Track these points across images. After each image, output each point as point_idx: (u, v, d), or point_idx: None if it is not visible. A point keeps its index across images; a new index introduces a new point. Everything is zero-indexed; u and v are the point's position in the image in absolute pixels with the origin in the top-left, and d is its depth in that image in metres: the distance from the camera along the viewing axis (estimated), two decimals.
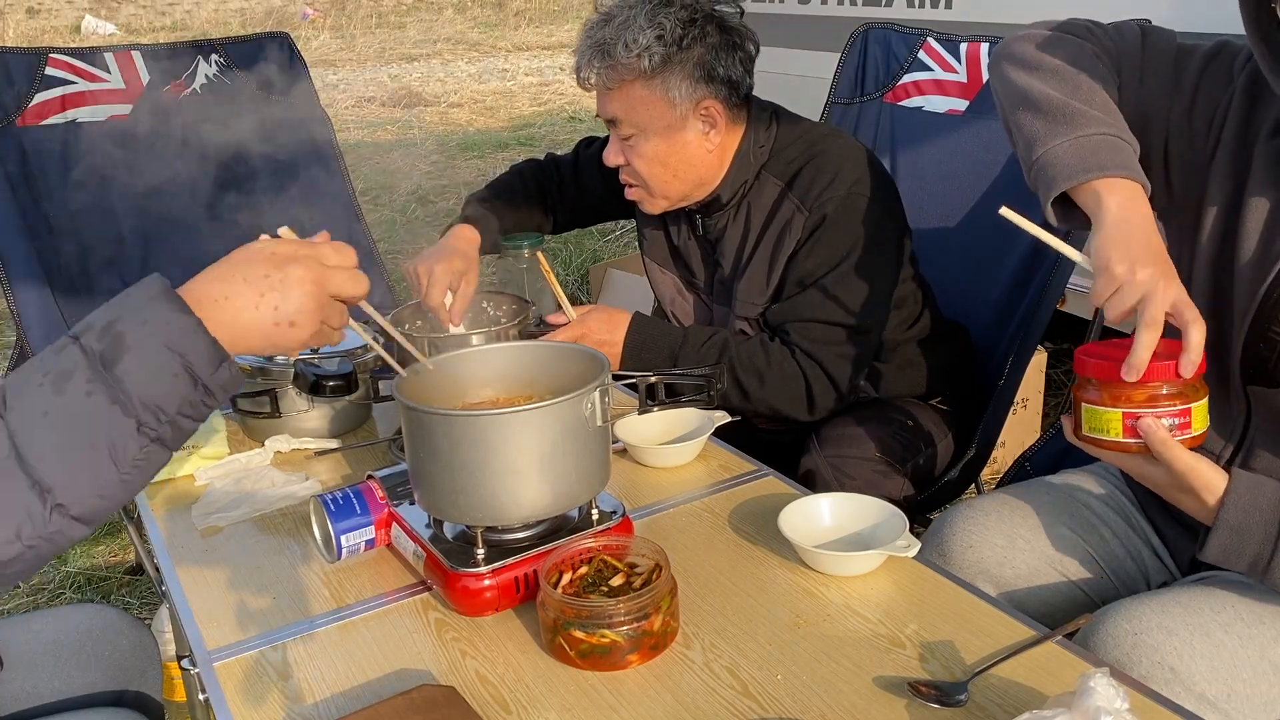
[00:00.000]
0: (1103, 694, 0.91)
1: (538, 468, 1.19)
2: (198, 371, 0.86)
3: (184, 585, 1.34)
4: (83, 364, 0.84)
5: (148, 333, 0.86)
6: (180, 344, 0.86)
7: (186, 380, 0.86)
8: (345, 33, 13.46)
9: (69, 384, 0.84)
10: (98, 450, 0.84)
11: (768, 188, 1.80)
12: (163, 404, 0.85)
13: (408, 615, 1.25)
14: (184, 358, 0.86)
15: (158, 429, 0.86)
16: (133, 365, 0.84)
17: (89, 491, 0.84)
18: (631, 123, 1.74)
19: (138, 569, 2.78)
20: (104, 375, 0.84)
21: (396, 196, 6.46)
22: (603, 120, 1.80)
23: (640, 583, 1.16)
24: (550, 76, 10.72)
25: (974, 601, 1.20)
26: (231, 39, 2.80)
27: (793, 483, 1.52)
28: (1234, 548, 1.17)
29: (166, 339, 0.86)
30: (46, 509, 0.83)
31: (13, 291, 2.38)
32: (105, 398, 0.84)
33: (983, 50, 2.23)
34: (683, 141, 1.75)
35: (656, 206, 1.85)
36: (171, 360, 0.85)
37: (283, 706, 1.10)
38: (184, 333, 0.86)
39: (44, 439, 0.83)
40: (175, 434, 0.88)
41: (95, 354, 0.85)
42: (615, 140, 1.79)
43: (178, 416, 0.87)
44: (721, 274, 1.90)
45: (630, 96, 1.72)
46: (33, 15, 13.15)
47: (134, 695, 1.42)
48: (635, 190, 1.84)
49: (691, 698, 1.07)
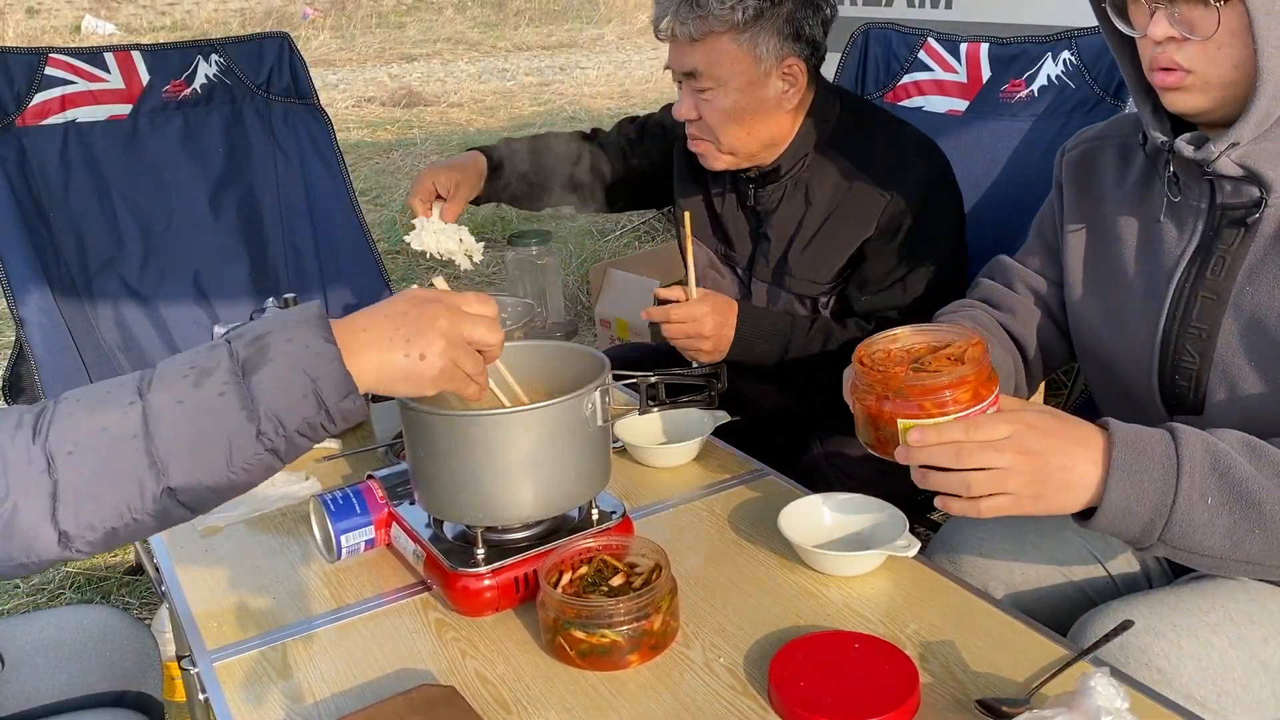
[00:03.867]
0: (1103, 694, 0.91)
1: (538, 468, 1.19)
2: (325, 397, 0.91)
3: (184, 585, 1.34)
4: (225, 365, 0.90)
5: (290, 351, 0.91)
6: (316, 369, 0.91)
7: (313, 403, 0.91)
8: (345, 33, 13.45)
9: (208, 380, 0.89)
10: (216, 446, 0.89)
11: (833, 165, 1.77)
12: (285, 419, 0.90)
13: (408, 615, 1.25)
14: (316, 383, 0.91)
15: (274, 440, 0.90)
16: (268, 377, 0.90)
17: (199, 481, 0.89)
18: (713, 76, 1.70)
19: (138, 569, 2.78)
20: (240, 380, 0.89)
21: (396, 196, 6.46)
22: (674, 72, 1.75)
23: (640, 583, 1.16)
24: (550, 76, 10.72)
25: (974, 601, 1.21)
26: (231, 39, 2.80)
27: (793, 483, 1.52)
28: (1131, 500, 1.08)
29: (305, 362, 0.91)
30: (159, 488, 0.88)
31: (12, 291, 2.38)
32: (236, 400, 0.89)
33: (983, 50, 2.23)
34: (761, 99, 1.72)
35: (721, 163, 1.80)
36: (305, 382, 0.90)
37: (283, 706, 1.10)
38: (322, 360, 0.91)
39: (173, 425, 0.88)
40: (289, 448, 0.92)
41: (239, 359, 0.90)
42: (689, 94, 1.74)
43: (295, 434, 0.91)
44: (767, 249, 1.85)
45: (716, 49, 1.68)
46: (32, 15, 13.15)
47: (134, 695, 1.42)
48: (703, 144, 1.79)
49: (691, 698, 1.07)
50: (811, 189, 1.79)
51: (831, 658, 1.07)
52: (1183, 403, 1.29)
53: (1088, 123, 1.95)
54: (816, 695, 1.01)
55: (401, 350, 0.97)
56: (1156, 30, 1.17)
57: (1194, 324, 1.27)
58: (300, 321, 0.93)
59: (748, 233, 1.90)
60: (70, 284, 2.52)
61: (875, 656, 1.07)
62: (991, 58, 2.23)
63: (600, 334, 3.89)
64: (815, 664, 1.06)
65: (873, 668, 1.05)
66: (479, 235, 1.92)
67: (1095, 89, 2.01)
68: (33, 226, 2.49)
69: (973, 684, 1.06)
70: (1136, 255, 1.35)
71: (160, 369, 0.92)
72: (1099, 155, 1.44)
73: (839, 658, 1.07)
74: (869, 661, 1.06)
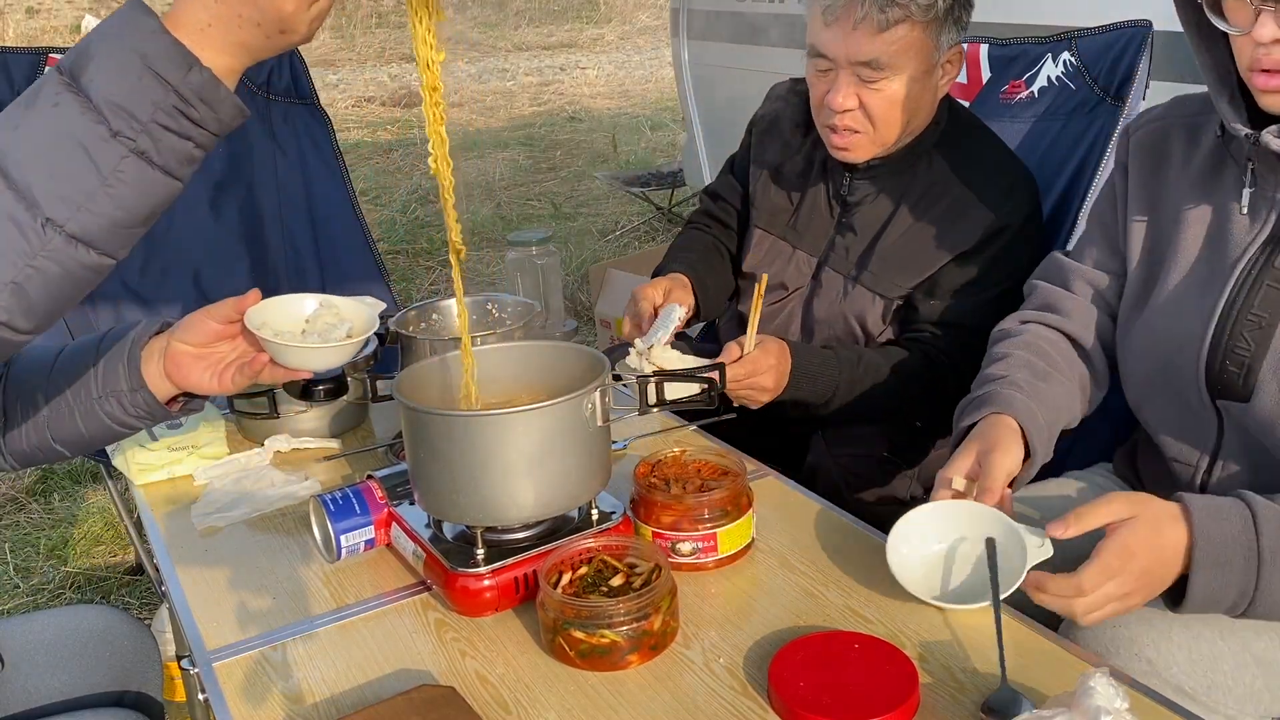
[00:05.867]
0: (1103, 694, 0.91)
1: (538, 468, 1.19)
2: (163, 74, 0.84)
3: (184, 585, 1.34)
4: (54, 78, 0.85)
5: (112, 39, 0.85)
6: (141, 45, 0.84)
7: (154, 81, 0.84)
8: (345, 32, 13.44)
9: (39, 98, 0.85)
10: (73, 155, 0.84)
11: (935, 168, 1.76)
12: (131, 107, 0.84)
13: (407, 615, 1.25)
14: (145, 58, 0.84)
15: (134, 137, 0.85)
16: (96, 72, 0.84)
17: (76, 204, 0.85)
18: (893, 65, 1.66)
19: (138, 569, 2.78)
20: (70, 85, 0.84)
21: (396, 196, 6.46)
22: (833, 59, 1.68)
23: (640, 583, 1.16)
24: (550, 76, 10.71)
25: None
26: None
27: (793, 483, 1.52)
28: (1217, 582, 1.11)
29: (130, 42, 0.85)
30: (37, 222, 0.84)
31: None
32: (74, 105, 0.84)
33: (982, 51, 2.23)
34: (927, 87, 1.70)
35: (865, 153, 1.76)
36: (133, 60, 0.84)
37: (282, 706, 1.10)
38: (144, 34, 0.85)
39: (18, 149, 0.84)
40: (158, 147, 0.86)
41: (65, 69, 0.85)
42: (852, 83, 1.68)
43: (152, 124, 0.85)
44: (850, 240, 1.80)
45: (904, 38, 1.64)
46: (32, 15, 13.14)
47: (134, 695, 1.42)
48: (853, 136, 1.73)
49: (691, 698, 1.07)
50: (910, 187, 1.76)
51: (831, 658, 1.07)
52: (1229, 389, 1.28)
53: (1089, 123, 1.96)
54: (816, 695, 1.01)
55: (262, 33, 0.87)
56: (1264, 32, 1.16)
57: (1255, 311, 1.27)
58: (119, 14, 0.87)
59: (829, 221, 1.85)
60: None
61: (875, 656, 1.07)
62: (991, 59, 2.22)
63: (600, 334, 3.89)
64: (815, 664, 1.06)
65: (873, 668, 1.05)
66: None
67: (1095, 89, 2.01)
68: None
69: (972, 684, 1.06)
70: (1204, 239, 1.35)
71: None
72: (1168, 137, 1.43)
73: (839, 658, 1.07)
74: (869, 662, 1.06)
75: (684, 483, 1.33)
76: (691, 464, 1.38)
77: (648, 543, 1.26)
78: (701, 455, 1.40)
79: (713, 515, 1.28)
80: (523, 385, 1.35)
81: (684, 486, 1.32)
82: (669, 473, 1.36)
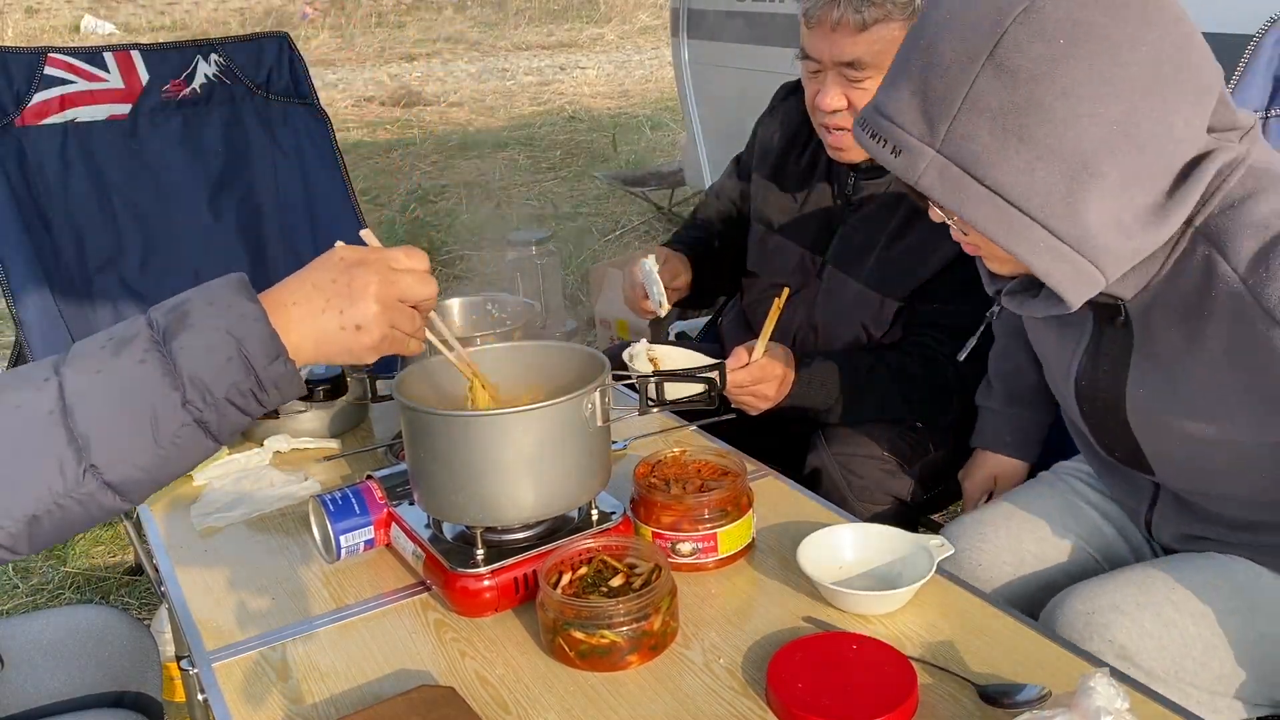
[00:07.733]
0: (1103, 694, 0.91)
1: (538, 468, 1.19)
2: (252, 360, 0.87)
3: (183, 586, 1.34)
4: (144, 333, 0.86)
5: (211, 314, 0.87)
6: (239, 329, 0.87)
7: (240, 366, 0.87)
8: (345, 32, 13.45)
9: (126, 349, 0.86)
10: (139, 417, 0.84)
11: None
12: (211, 385, 0.86)
13: (407, 615, 1.25)
14: (241, 343, 0.87)
15: (202, 409, 0.86)
16: (189, 341, 0.86)
17: (124, 458, 0.85)
18: (876, 64, 1.65)
19: (137, 569, 2.78)
20: (161, 346, 0.86)
21: (396, 196, 6.46)
22: (820, 61, 1.69)
23: (640, 583, 1.16)
24: (550, 76, 10.71)
25: (973, 601, 1.20)
26: (231, 39, 2.80)
27: (793, 483, 1.52)
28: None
29: (228, 323, 0.87)
30: (80, 467, 0.83)
31: (12, 291, 2.38)
32: (158, 368, 0.85)
33: None
34: None
35: (861, 152, 1.73)
36: (228, 343, 0.86)
37: (282, 707, 1.10)
38: (245, 320, 0.87)
39: (91, 397, 0.84)
40: (220, 421, 0.87)
41: (159, 326, 0.87)
42: (839, 83, 1.69)
43: (224, 402, 0.87)
44: (852, 238, 1.80)
45: (884, 36, 1.64)
46: (31, 15, 13.14)
47: (134, 696, 1.42)
48: (847, 136, 1.72)
49: (691, 698, 1.07)
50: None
51: (830, 658, 1.07)
52: (1138, 461, 1.29)
53: None
54: (815, 696, 1.01)
55: (336, 323, 0.93)
56: None
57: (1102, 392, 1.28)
58: (221, 286, 0.90)
59: (833, 221, 1.85)
60: (70, 284, 2.52)
61: (874, 657, 1.07)
62: None
63: (600, 334, 3.89)
64: (814, 665, 1.06)
65: (872, 668, 1.05)
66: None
67: None
68: (32, 226, 2.49)
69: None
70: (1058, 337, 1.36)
71: (76, 347, 0.88)
72: None
73: (838, 658, 1.07)
74: (868, 662, 1.06)
75: (684, 483, 1.33)
76: (691, 464, 1.38)
77: (648, 543, 1.26)
78: (701, 455, 1.40)
79: (713, 515, 1.28)
80: (522, 385, 1.34)
81: (684, 487, 1.32)
82: (669, 473, 1.36)
